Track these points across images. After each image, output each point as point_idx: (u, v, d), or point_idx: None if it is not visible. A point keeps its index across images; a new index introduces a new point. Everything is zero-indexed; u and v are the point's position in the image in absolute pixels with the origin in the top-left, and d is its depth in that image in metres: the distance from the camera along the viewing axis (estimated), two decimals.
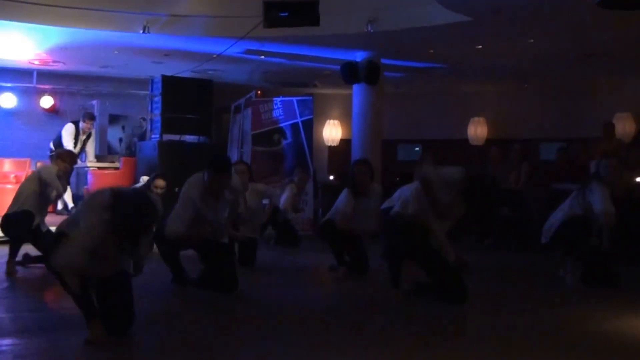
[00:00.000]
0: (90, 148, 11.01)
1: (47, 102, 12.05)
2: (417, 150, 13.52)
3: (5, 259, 6.37)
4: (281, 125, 11.33)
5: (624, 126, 11.40)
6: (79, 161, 10.44)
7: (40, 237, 6.51)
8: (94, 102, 11.92)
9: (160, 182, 7.64)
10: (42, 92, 11.97)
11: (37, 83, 11.81)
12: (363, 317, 4.77)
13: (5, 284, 5.77)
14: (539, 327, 4.43)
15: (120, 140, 12.64)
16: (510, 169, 10.30)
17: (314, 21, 7.72)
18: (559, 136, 12.01)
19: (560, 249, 6.19)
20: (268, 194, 7.95)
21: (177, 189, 9.74)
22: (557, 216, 6.14)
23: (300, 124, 11.25)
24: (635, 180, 8.19)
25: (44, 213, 6.71)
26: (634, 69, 10.84)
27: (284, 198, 9.12)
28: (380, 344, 3.97)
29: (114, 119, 12.59)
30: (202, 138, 11.64)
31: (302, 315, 4.84)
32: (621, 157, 8.62)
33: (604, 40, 8.89)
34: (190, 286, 5.52)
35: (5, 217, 6.60)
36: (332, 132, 13.89)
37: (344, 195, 6.45)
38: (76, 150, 10.52)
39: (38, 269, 6.42)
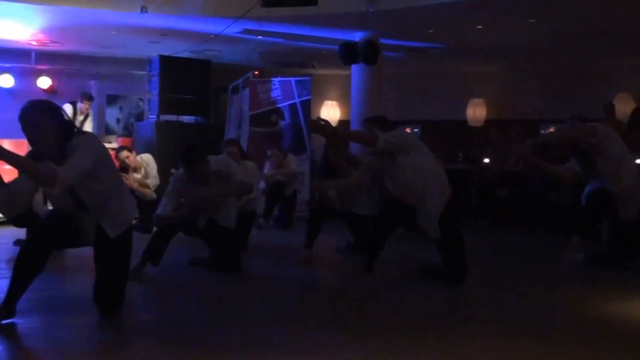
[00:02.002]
0: (88, 128, 10.97)
1: (45, 82, 12.02)
2: (417, 132, 13.47)
3: (3, 240, 6.39)
4: (279, 105, 11.28)
5: (624, 107, 11.34)
6: None
7: None
8: (92, 82, 11.89)
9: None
10: (40, 73, 11.95)
11: (35, 63, 11.77)
12: (362, 299, 4.78)
13: (2, 265, 5.78)
14: (539, 309, 4.43)
15: (118, 120, 12.64)
16: (510, 150, 10.28)
17: (312, 0, 7.66)
18: (559, 117, 11.87)
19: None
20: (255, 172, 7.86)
21: (172, 170, 9.86)
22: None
23: (298, 104, 11.21)
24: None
25: None
26: (635, 50, 10.77)
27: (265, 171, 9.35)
28: (375, 326, 3.98)
29: (111, 100, 12.57)
30: (200, 118, 11.61)
31: (304, 296, 4.87)
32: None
33: (606, 20, 8.82)
34: (201, 266, 5.68)
35: None
36: (330, 113, 13.81)
37: None
38: None
39: None
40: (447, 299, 4.71)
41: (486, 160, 10.21)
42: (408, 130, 13.29)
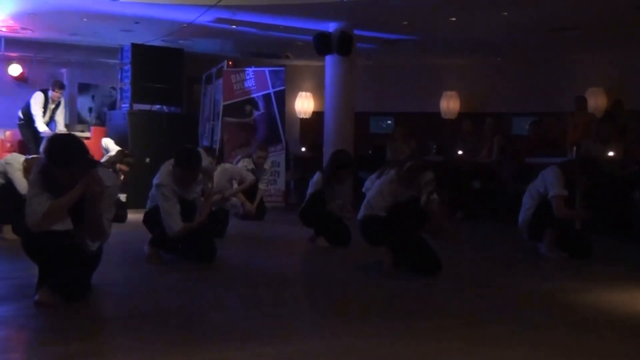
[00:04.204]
0: (60, 117, 10.83)
1: (15, 70, 11.86)
2: (390, 123, 13.53)
3: None
4: (253, 95, 11.24)
5: (595, 101, 11.50)
6: (48, 130, 10.29)
7: None
8: (63, 70, 11.73)
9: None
10: (11, 60, 11.78)
11: (5, 51, 11.59)
12: (336, 290, 4.79)
13: None
14: (512, 299, 4.47)
15: (90, 109, 12.50)
16: (483, 142, 10.37)
17: None
18: (532, 110, 12.08)
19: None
20: (235, 174, 8.24)
21: (147, 160, 9.80)
22: (525, 215, 6.28)
23: (272, 94, 11.18)
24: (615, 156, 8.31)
25: None
26: (607, 44, 10.91)
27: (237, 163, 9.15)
28: (349, 318, 4.00)
29: (83, 88, 12.43)
30: (173, 108, 11.51)
31: (281, 284, 4.87)
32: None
33: (578, 14, 8.91)
34: (173, 254, 5.62)
35: None
36: (304, 104, 13.79)
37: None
38: (45, 120, 10.38)
39: None
40: (412, 292, 4.73)
41: (460, 152, 10.28)
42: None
